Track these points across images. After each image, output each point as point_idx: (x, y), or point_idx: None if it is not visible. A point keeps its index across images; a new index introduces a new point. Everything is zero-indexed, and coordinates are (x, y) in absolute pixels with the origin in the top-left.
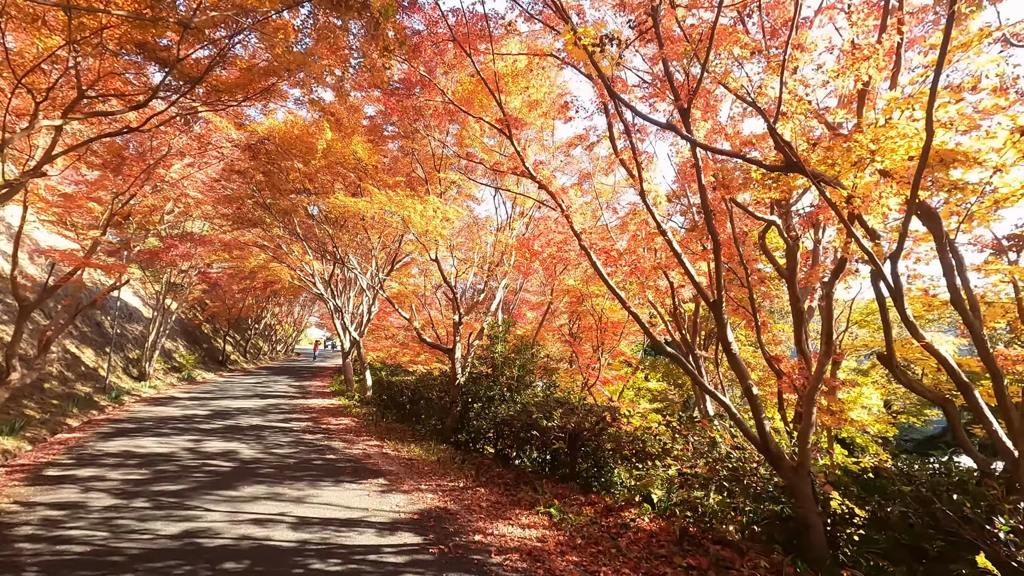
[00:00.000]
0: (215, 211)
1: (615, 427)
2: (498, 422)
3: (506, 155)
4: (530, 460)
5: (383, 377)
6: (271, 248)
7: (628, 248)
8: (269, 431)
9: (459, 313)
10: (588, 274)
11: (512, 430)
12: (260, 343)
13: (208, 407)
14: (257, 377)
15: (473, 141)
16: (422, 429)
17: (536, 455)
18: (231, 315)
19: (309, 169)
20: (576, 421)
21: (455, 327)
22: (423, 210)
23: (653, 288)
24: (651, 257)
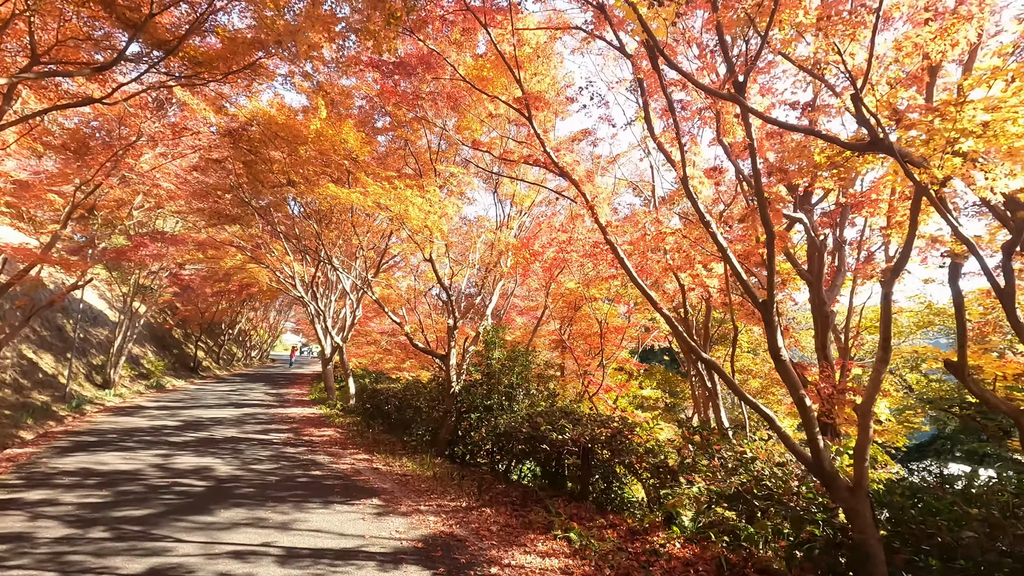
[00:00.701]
0: (189, 206)
1: (633, 439)
2: (499, 434)
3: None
4: (533, 475)
5: (367, 385)
6: (249, 248)
7: (635, 247)
8: (247, 444)
9: (454, 317)
10: (588, 277)
11: (515, 443)
12: (234, 349)
13: (179, 417)
14: (231, 384)
15: (476, 131)
16: (412, 441)
17: (540, 469)
18: (204, 319)
19: (295, 159)
20: (590, 434)
21: (449, 332)
22: (422, 203)
23: (659, 291)
24: (659, 258)
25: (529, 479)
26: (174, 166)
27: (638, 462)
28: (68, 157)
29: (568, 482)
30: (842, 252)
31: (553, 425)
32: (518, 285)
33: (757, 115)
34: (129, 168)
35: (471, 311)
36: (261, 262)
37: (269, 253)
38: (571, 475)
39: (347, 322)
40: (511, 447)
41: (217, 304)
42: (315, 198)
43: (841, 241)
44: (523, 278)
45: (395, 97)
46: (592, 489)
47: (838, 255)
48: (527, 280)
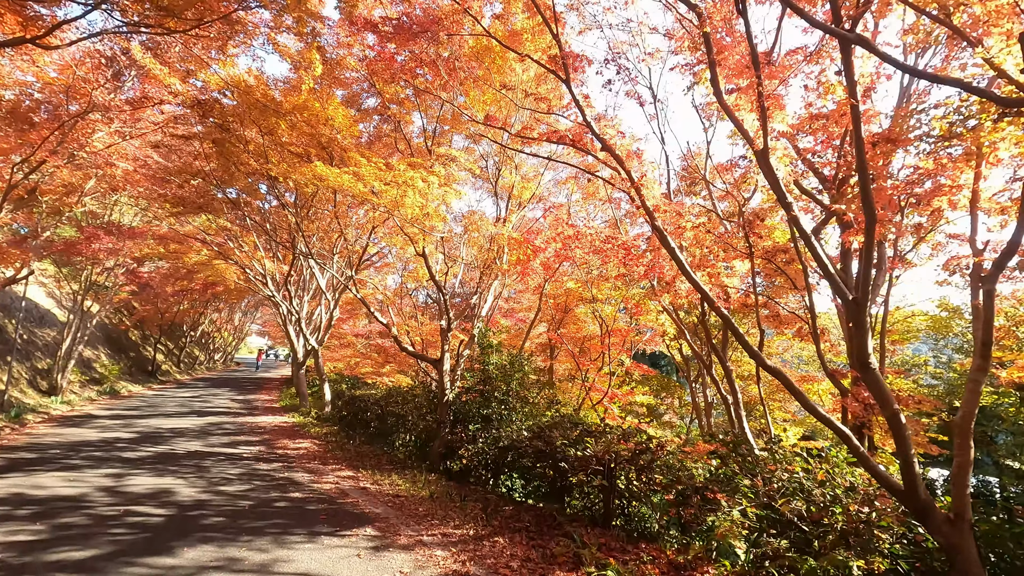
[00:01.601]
0: (149, 192)
1: (664, 456)
2: (502, 448)
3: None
4: (541, 494)
5: (344, 391)
6: (216, 242)
7: (650, 244)
8: (213, 460)
9: (448, 318)
10: (592, 275)
11: (523, 458)
12: (196, 352)
13: (134, 428)
14: (193, 390)
15: (481, 109)
16: (399, 453)
17: (548, 488)
18: (164, 320)
19: (273, 139)
20: (616, 450)
21: (443, 335)
22: (423, 188)
23: (672, 292)
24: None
25: (534, 498)
26: (132, 146)
27: (678, 483)
28: (6, 132)
29: (585, 504)
30: (882, 248)
31: (569, 439)
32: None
33: (893, 63)
34: (79, 145)
35: (465, 312)
36: (229, 258)
37: (238, 248)
38: (589, 495)
39: (323, 323)
40: (518, 463)
41: (179, 304)
42: (298, 181)
43: (880, 239)
44: (522, 276)
45: (393, 67)
46: (617, 512)
47: (879, 253)
48: (525, 279)
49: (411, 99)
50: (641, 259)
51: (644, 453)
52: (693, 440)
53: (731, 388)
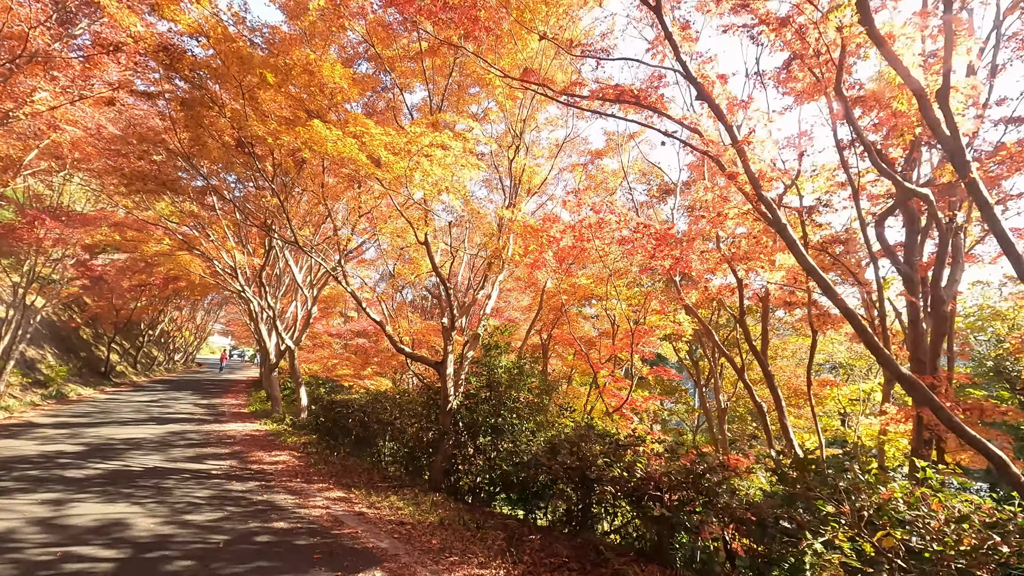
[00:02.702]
0: (103, 167)
1: (731, 480)
2: (519, 464)
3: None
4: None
5: (322, 395)
6: (180, 231)
7: (688, 234)
8: (176, 479)
9: (451, 316)
10: (614, 268)
11: (551, 478)
12: (154, 352)
13: (82, 439)
14: (152, 393)
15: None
16: (391, 468)
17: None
18: (119, 318)
19: (254, 104)
20: (672, 471)
21: (446, 334)
22: (441, 157)
23: (699, 290)
24: (701, 247)
25: (560, 523)
26: (83, 111)
27: (744, 512)
28: None
29: (622, 531)
30: (958, 238)
31: (611, 456)
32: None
33: None
34: (15, 104)
35: (471, 309)
36: (195, 249)
37: (205, 238)
38: (632, 522)
39: (298, 322)
40: (536, 481)
41: (136, 300)
42: (290, 146)
43: (956, 230)
44: (531, 270)
45: (411, 7)
46: (674, 546)
47: (953, 241)
48: (534, 273)
49: (412, 69)
50: (672, 251)
51: (703, 476)
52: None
53: (773, 394)
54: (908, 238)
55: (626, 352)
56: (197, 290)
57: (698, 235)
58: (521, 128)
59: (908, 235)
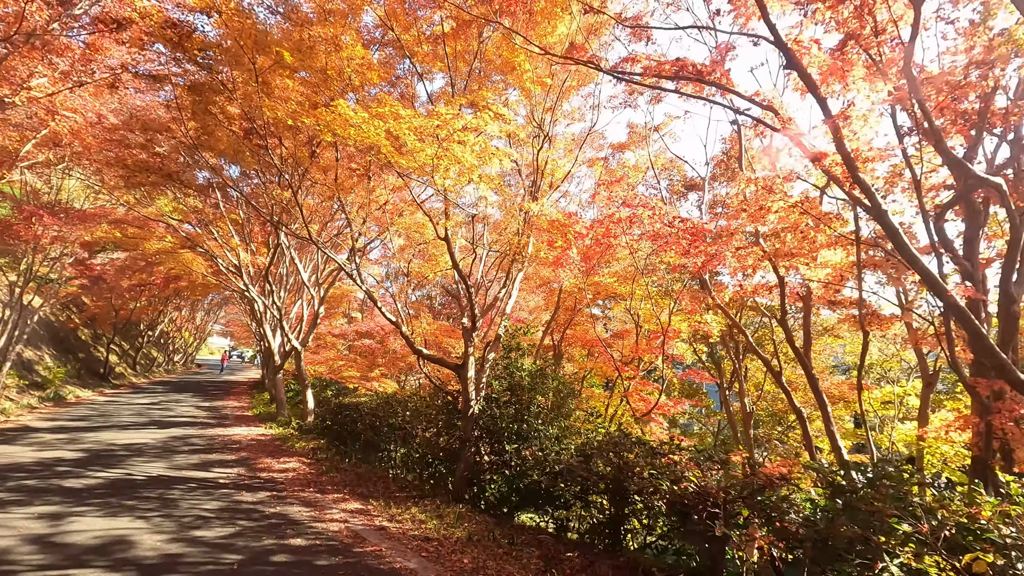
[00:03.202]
0: (104, 160)
1: (794, 494)
2: (552, 473)
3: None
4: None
5: (329, 398)
6: (183, 228)
7: (727, 228)
8: (182, 489)
9: (472, 316)
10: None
11: (584, 488)
12: (154, 353)
13: (81, 444)
14: (152, 395)
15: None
16: (407, 475)
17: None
18: (118, 318)
19: (267, 88)
20: (732, 486)
21: (466, 335)
22: (474, 143)
23: (733, 288)
24: (738, 244)
25: (590, 536)
26: (84, 98)
27: (804, 529)
28: None
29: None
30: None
31: (657, 467)
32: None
33: None
34: (11, 89)
35: (491, 309)
36: (199, 246)
37: (208, 236)
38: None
39: (304, 322)
40: (578, 495)
41: (136, 300)
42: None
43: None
44: (555, 267)
45: None
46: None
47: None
48: (557, 270)
49: (432, 54)
50: (709, 247)
51: (760, 490)
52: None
53: (818, 398)
54: (969, 232)
55: (648, 354)
56: (198, 290)
57: (738, 230)
58: (546, 118)
59: (969, 229)
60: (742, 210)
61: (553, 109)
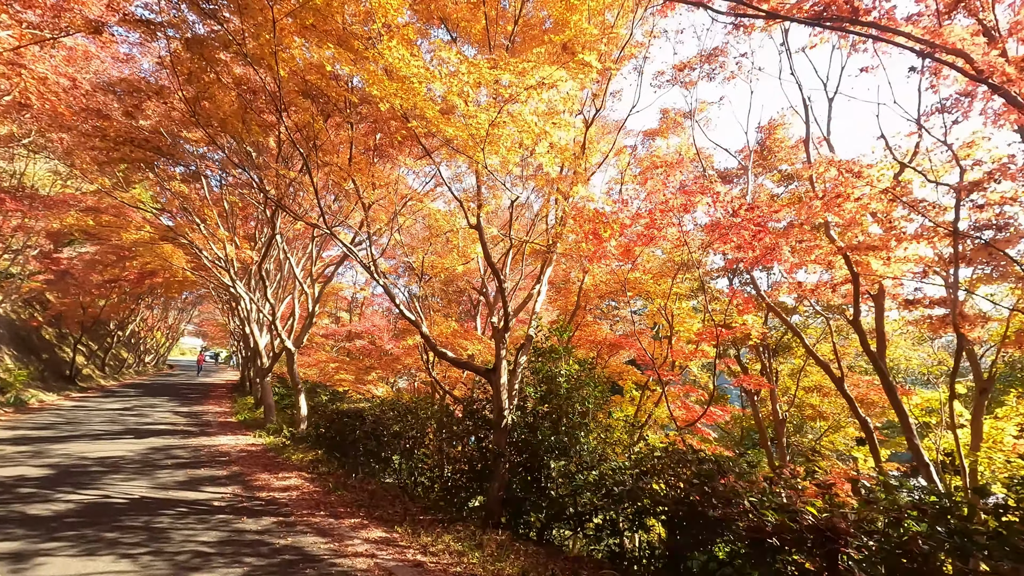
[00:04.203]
0: (78, 133)
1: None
2: (612, 496)
3: None
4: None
5: (324, 403)
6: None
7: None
8: (171, 515)
9: (505, 315)
10: (664, 267)
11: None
12: (124, 353)
13: (48, 458)
14: (124, 399)
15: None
16: (431, 496)
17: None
18: (86, 317)
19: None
20: (865, 519)
21: (498, 337)
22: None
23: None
24: (805, 237)
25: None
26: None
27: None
28: None
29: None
30: None
31: (757, 493)
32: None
33: None
34: None
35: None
36: (181, 237)
37: (191, 227)
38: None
39: (296, 321)
40: (632, 517)
41: (106, 297)
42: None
43: None
44: (591, 261)
45: None
46: None
47: None
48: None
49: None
50: (778, 238)
51: (894, 524)
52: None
53: (897, 408)
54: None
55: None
56: (175, 287)
57: (808, 220)
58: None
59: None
60: (816, 197)
61: (608, 78)
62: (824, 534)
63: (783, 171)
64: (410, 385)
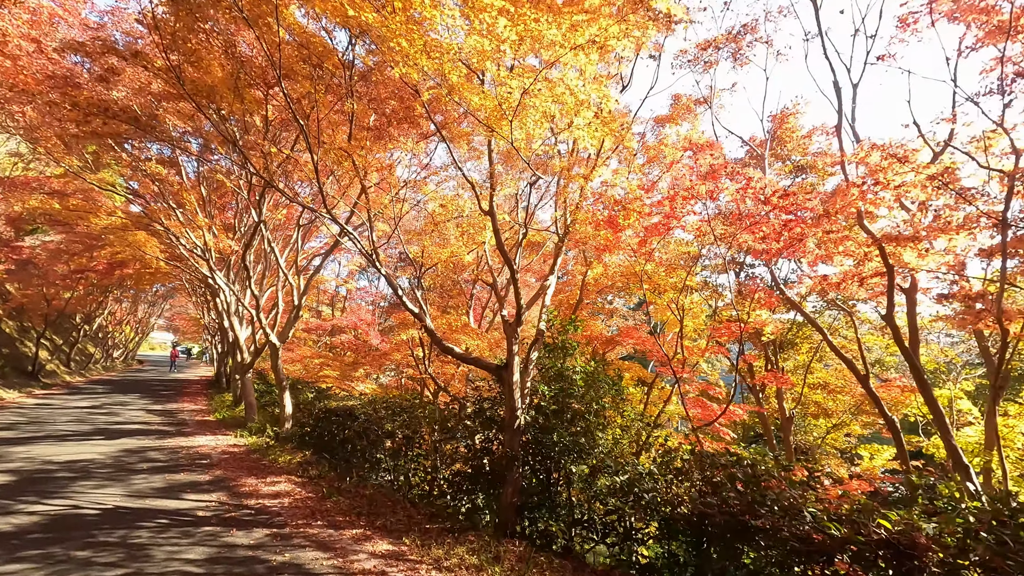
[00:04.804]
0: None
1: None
2: (643, 503)
3: None
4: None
5: (310, 401)
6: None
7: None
8: (151, 527)
9: (518, 308)
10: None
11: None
12: (91, 348)
13: (8, 462)
14: (92, 397)
15: None
16: (440, 502)
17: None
18: (50, 309)
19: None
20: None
21: (510, 331)
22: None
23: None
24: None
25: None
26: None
27: None
28: None
29: None
30: None
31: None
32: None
33: None
34: None
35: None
36: (156, 224)
37: (166, 215)
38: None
39: (280, 315)
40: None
41: (72, 289)
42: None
43: None
44: (606, 252)
45: None
46: None
47: None
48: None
49: None
50: (811, 228)
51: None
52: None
53: (932, 407)
54: None
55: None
56: (147, 278)
57: (843, 210)
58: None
59: None
60: (854, 185)
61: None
62: (899, 549)
63: (795, 161)
64: (396, 381)
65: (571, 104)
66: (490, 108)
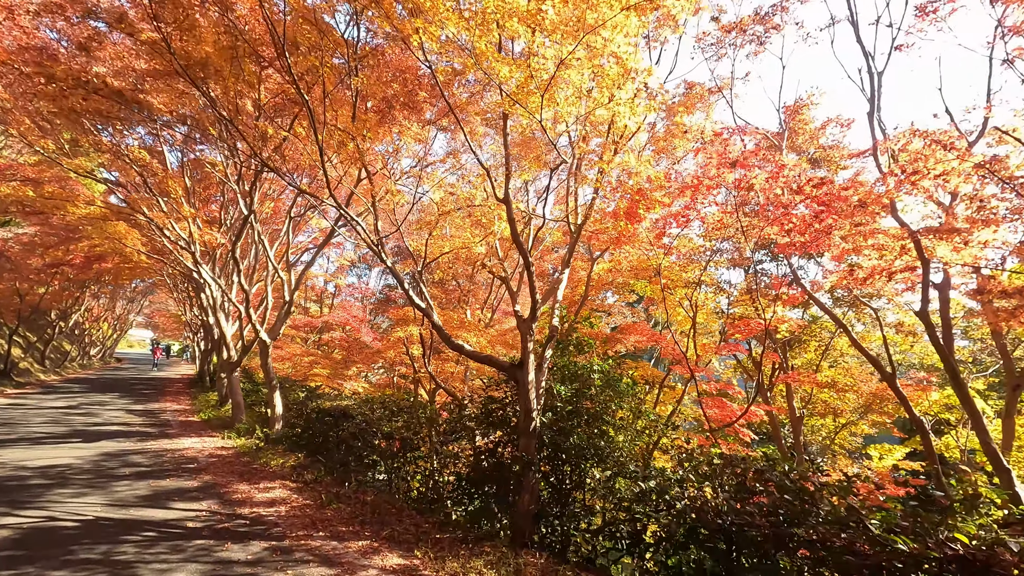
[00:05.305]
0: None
1: None
2: (674, 512)
3: None
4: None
5: (301, 401)
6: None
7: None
8: (137, 542)
9: (534, 303)
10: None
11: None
12: (66, 346)
13: None
14: (68, 396)
15: None
16: (455, 512)
17: None
18: (23, 305)
19: None
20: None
21: (524, 328)
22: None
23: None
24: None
25: None
26: None
27: None
28: None
29: None
30: None
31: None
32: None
33: None
34: None
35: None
36: (139, 214)
37: (149, 205)
38: None
39: (270, 310)
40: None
41: (47, 284)
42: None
43: None
44: (619, 244)
45: None
46: None
47: None
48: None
49: None
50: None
51: None
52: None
53: (968, 407)
54: None
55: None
56: (126, 273)
57: (877, 200)
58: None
59: None
60: (891, 174)
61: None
62: (978, 567)
63: (810, 154)
64: (387, 380)
65: (614, 75)
66: (520, 81)
